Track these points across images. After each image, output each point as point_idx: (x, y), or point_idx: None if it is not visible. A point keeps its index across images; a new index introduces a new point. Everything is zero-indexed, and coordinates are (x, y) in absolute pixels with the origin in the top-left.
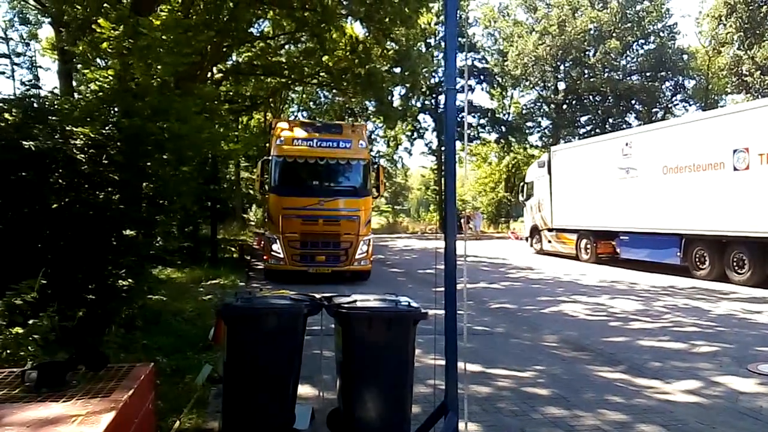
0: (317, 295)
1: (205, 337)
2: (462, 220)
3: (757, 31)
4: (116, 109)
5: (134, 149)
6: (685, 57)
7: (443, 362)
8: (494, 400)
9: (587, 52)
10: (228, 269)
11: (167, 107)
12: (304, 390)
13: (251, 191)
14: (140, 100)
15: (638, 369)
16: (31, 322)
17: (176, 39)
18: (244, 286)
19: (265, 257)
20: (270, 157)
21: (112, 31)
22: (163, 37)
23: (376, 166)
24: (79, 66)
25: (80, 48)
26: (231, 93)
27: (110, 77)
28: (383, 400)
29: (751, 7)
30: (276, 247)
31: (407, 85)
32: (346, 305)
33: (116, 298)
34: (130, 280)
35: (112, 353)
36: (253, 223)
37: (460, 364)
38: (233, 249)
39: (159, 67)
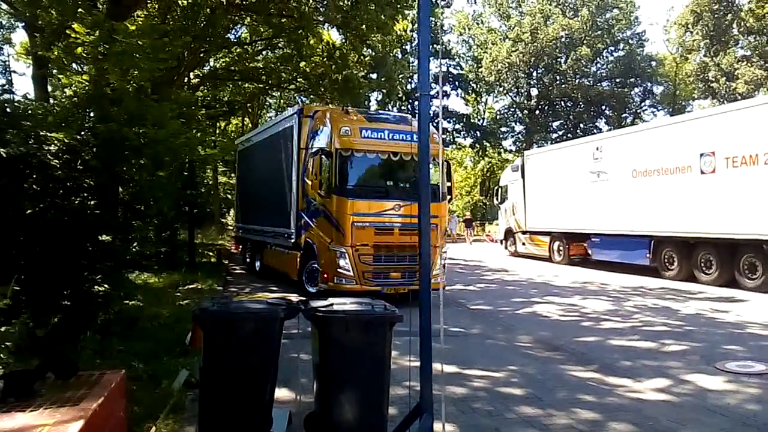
0: (294, 299)
1: (182, 342)
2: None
3: (723, 39)
4: (92, 114)
5: (110, 154)
6: (654, 64)
7: (419, 363)
8: (470, 401)
9: (559, 59)
10: (206, 274)
11: (143, 112)
12: (282, 394)
13: (229, 196)
14: (116, 106)
15: (610, 368)
16: (3, 329)
17: (152, 44)
18: (222, 290)
19: (325, 275)
20: (329, 151)
21: (87, 37)
22: (139, 42)
23: (447, 164)
24: (54, 71)
25: (55, 53)
26: (208, 98)
27: (85, 82)
28: (360, 403)
29: (716, 16)
30: (344, 262)
31: (384, 90)
32: (322, 309)
33: (92, 303)
34: (106, 286)
35: (87, 359)
36: (231, 228)
37: (437, 366)
38: (211, 253)
39: (135, 72)
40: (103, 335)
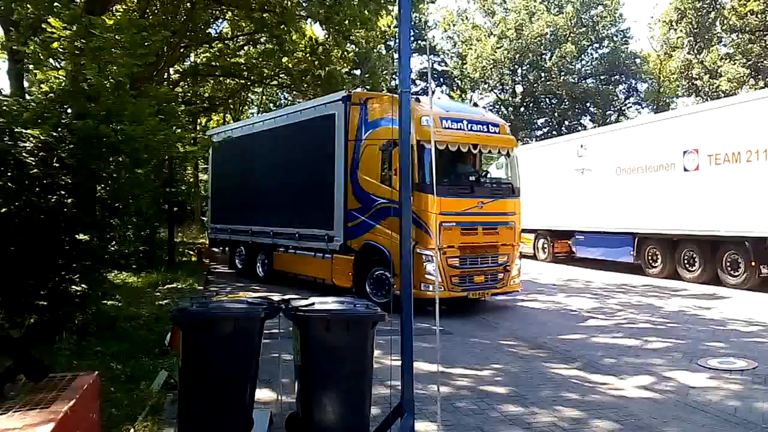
0: (275, 298)
1: (162, 342)
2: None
3: (706, 36)
4: (69, 110)
5: (87, 152)
6: (638, 61)
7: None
8: (453, 399)
9: (544, 56)
10: (186, 273)
11: (121, 109)
12: (263, 394)
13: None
14: (93, 102)
15: (593, 365)
16: None
17: (131, 39)
18: (203, 290)
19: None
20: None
21: (63, 31)
22: (117, 37)
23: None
24: (30, 66)
25: (31, 48)
26: (189, 94)
27: (62, 78)
28: (342, 403)
29: (700, 13)
30: (431, 267)
31: (367, 87)
32: (303, 308)
33: (69, 303)
34: (83, 286)
35: (64, 361)
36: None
37: (432, 366)
38: (192, 252)
39: (114, 68)
40: (81, 336)
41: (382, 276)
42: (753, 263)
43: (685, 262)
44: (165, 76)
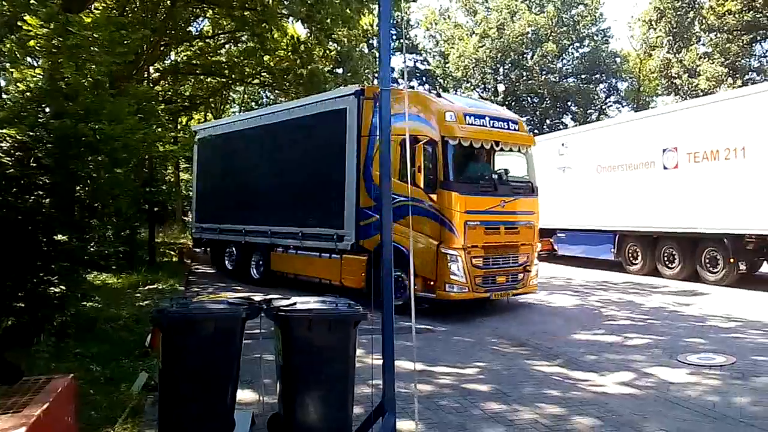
0: (256, 298)
1: (142, 343)
2: None
3: (685, 36)
4: (46, 109)
5: (65, 151)
6: (618, 60)
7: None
8: (436, 398)
9: (525, 55)
10: (167, 273)
11: (99, 108)
12: (245, 395)
13: (191, 193)
14: (71, 101)
15: (574, 362)
16: None
17: (109, 37)
18: (184, 290)
19: (430, 283)
20: (432, 140)
21: (40, 29)
22: (95, 35)
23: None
24: (6, 65)
25: (7, 46)
26: (169, 93)
27: (39, 77)
28: (324, 403)
29: (679, 13)
30: (456, 267)
31: (350, 85)
32: (285, 308)
33: (47, 305)
34: (62, 287)
35: (42, 363)
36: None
37: (410, 364)
38: (173, 252)
39: (92, 66)
40: (59, 338)
41: (398, 277)
42: (731, 260)
43: (665, 259)
44: (145, 75)
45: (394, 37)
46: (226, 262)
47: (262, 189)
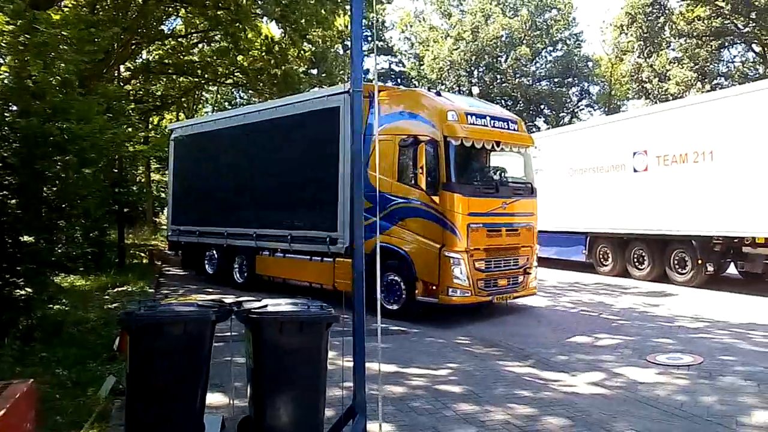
0: (227, 300)
1: (110, 347)
2: None
3: (656, 41)
4: (12, 108)
5: (31, 151)
6: (590, 64)
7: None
8: (408, 400)
9: (499, 58)
10: (137, 275)
11: (68, 107)
12: (215, 399)
13: (162, 194)
14: (39, 99)
15: (546, 363)
16: None
17: (78, 35)
18: (154, 292)
19: (432, 287)
20: (434, 140)
21: (6, 26)
22: (64, 33)
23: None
24: None
25: None
26: (140, 92)
27: (6, 74)
28: (296, 406)
29: (650, 18)
30: (459, 271)
31: (324, 86)
32: (256, 310)
33: (12, 308)
34: (28, 289)
35: (6, 367)
36: (165, 228)
37: (375, 366)
38: (143, 254)
39: (62, 64)
40: (25, 341)
41: (393, 282)
42: (699, 261)
43: (635, 260)
44: (116, 74)
45: (369, 38)
46: (207, 266)
47: (246, 190)
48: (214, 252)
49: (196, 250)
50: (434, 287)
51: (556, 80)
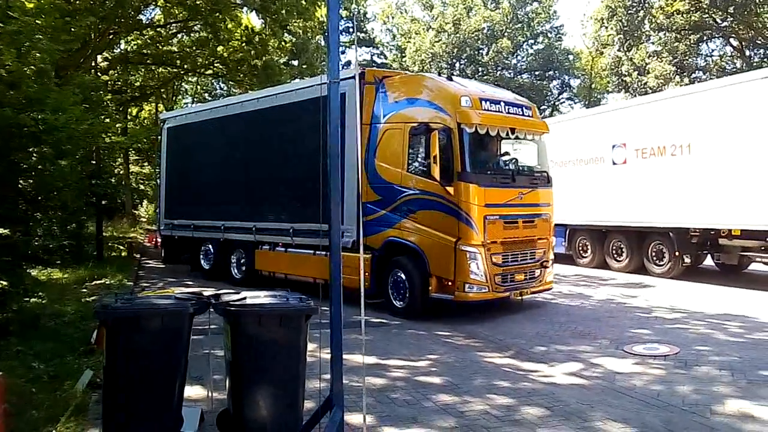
0: (206, 293)
1: (88, 340)
2: None
3: (635, 34)
4: None
5: (6, 142)
6: (571, 57)
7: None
8: (388, 391)
9: (481, 51)
10: (115, 268)
11: (43, 97)
12: (194, 391)
13: (141, 186)
14: (13, 89)
15: (525, 354)
16: None
17: (54, 24)
18: (133, 285)
19: (447, 283)
20: (447, 127)
21: None
22: (38, 21)
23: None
24: None
25: None
26: (119, 83)
27: None
28: (275, 399)
29: (630, 12)
30: (476, 266)
31: (305, 77)
32: (234, 303)
33: None
34: (3, 282)
35: None
36: (144, 220)
37: (353, 357)
38: (122, 247)
39: (37, 54)
40: (1, 335)
41: (400, 278)
42: (677, 253)
43: (614, 252)
44: (93, 64)
45: (351, 30)
46: (202, 261)
47: (244, 182)
48: (210, 247)
49: (192, 245)
50: (449, 283)
51: (537, 73)
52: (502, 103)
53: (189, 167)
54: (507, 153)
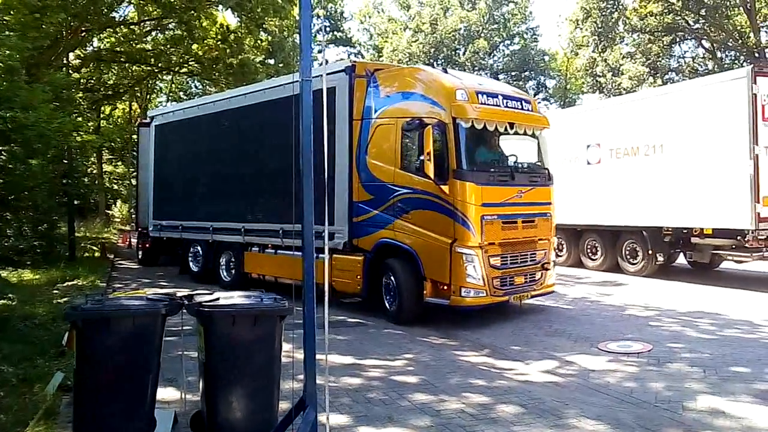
0: (179, 293)
1: (59, 342)
2: None
3: (609, 36)
4: None
5: None
6: (546, 58)
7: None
8: (364, 391)
9: (458, 51)
10: (88, 269)
11: (12, 95)
12: (167, 393)
13: (115, 185)
14: None
15: (500, 352)
16: None
17: (23, 21)
18: (106, 286)
19: (443, 287)
20: (442, 122)
21: None
22: (6, 18)
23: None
24: None
25: None
26: (91, 81)
27: None
28: (249, 400)
29: (604, 14)
30: (473, 269)
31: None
32: (207, 303)
33: None
34: None
35: None
36: (118, 220)
37: (339, 358)
38: (95, 248)
39: (7, 51)
40: None
41: (391, 282)
42: (650, 252)
43: (588, 251)
44: (65, 61)
45: (328, 29)
46: (191, 263)
47: (232, 181)
48: (199, 248)
49: (180, 246)
50: (445, 287)
51: (513, 74)
52: (500, 97)
53: (177, 166)
54: (505, 149)
